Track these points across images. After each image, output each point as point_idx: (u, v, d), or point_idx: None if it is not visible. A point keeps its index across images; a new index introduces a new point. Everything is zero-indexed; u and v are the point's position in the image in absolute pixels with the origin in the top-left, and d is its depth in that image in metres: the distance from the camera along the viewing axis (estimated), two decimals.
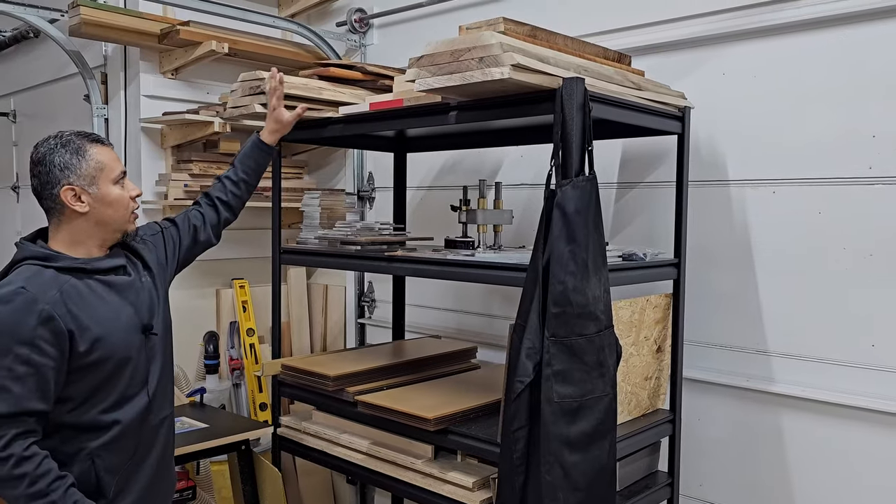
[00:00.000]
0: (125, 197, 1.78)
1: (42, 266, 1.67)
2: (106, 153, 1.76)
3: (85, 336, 1.65)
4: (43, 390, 1.61)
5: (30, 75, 4.25)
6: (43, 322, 1.60)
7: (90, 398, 1.70)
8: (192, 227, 2.11)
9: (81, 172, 1.71)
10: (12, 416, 1.58)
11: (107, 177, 1.74)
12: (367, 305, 3.66)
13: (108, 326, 1.70)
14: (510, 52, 1.74)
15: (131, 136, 3.37)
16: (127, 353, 1.74)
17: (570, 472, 1.79)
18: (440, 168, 3.34)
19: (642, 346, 2.25)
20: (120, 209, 1.77)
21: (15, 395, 1.58)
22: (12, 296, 1.61)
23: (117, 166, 1.77)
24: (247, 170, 2.25)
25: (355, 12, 3.54)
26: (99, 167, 1.73)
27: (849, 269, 2.23)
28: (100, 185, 1.73)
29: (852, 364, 2.23)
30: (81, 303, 1.67)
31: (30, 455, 1.58)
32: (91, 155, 1.73)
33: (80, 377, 1.68)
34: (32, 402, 1.60)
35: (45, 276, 1.66)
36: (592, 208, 1.82)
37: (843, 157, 2.23)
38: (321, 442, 2.60)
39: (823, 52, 2.26)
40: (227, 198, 2.20)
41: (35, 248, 1.71)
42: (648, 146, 2.64)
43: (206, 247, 2.18)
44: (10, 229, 4.52)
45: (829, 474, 2.28)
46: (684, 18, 2.52)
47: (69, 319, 1.63)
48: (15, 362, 1.58)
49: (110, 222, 1.76)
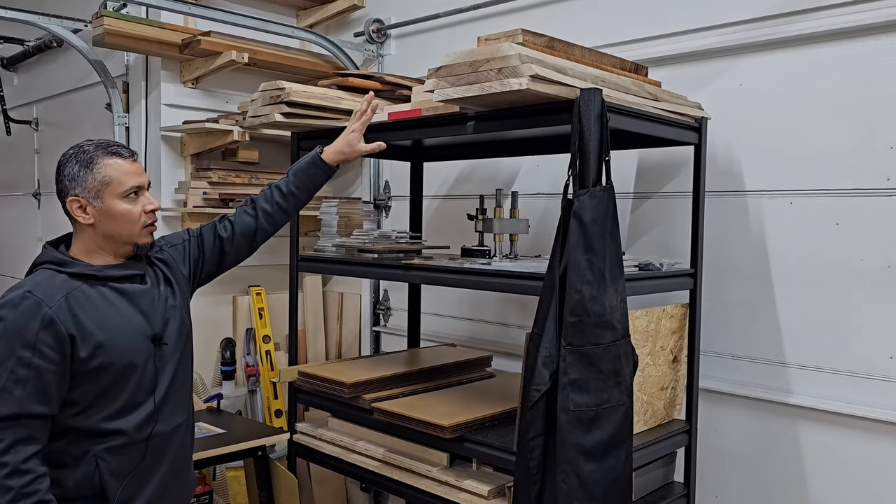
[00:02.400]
0: (133, 212, 1.74)
1: (56, 271, 1.69)
2: (119, 167, 1.73)
3: (87, 341, 1.65)
4: (43, 393, 1.61)
5: (52, 84, 4.32)
6: (45, 326, 1.61)
7: (95, 403, 1.70)
8: (217, 238, 2.02)
9: (87, 185, 1.71)
10: (14, 418, 1.58)
11: (113, 191, 1.72)
12: (383, 313, 3.68)
13: (113, 333, 1.69)
14: (528, 63, 1.76)
15: (151, 144, 3.42)
16: (132, 360, 1.73)
17: (586, 481, 1.79)
18: (456, 177, 3.36)
19: (658, 355, 2.25)
20: (126, 224, 1.74)
21: (16, 398, 1.58)
22: (19, 300, 1.62)
23: (128, 181, 1.73)
24: (299, 184, 2.09)
25: (373, 23, 3.57)
26: (105, 181, 1.71)
27: (866, 281, 2.22)
28: (104, 199, 1.71)
29: (870, 376, 2.22)
30: (89, 308, 1.67)
31: (25, 470, 1.57)
32: (99, 168, 1.71)
33: (84, 382, 1.68)
34: (33, 405, 1.60)
35: (56, 282, 1.67)
36: (610, 218, 1.83)
37: (860, 168, 2.23)
38: (337, 449, 2.62)
39: (840, 63, 2.26)
40: (272, 209, 2.06)
41: (53, 253, 1.73)
42: (665, 156, 2.64)
43: (235, 260, 2.07)
44: (32, 235, 4.58)
45: (846, 487, 2.26)
46: (701, 30, 2.53)
47: (71, 324, 1.64)
48: (17, 365, 1.59)
49: (116, 236, 1.75)
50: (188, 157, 3.42)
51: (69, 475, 1.68)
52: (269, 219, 2.06)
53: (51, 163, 4.36)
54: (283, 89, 2.45)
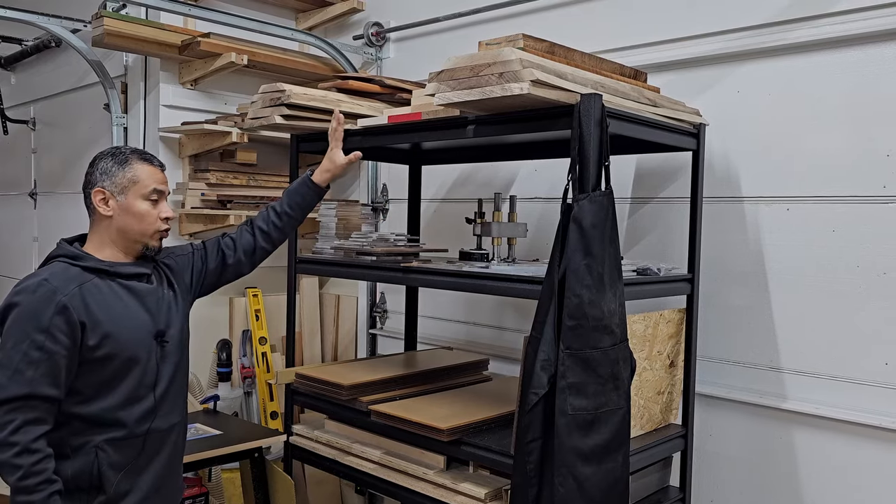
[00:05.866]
0: (151, 213, 1.88)
1: (70, 264, 1.81)
2: (147, 171, 1.88)
3: (96, 330, 1.76)
4: (54, 376, 1.70)
5: (50, 84, 4.31)
6: (59, 312, 1.71)
7: (99, 392, 1.79)
8: (220, 252, 2.14)
9: (115, 180, 1.85)
10: (25, 398, 1.67)
11: (138, 191, 1.86)
12: (379, 316, 3.68)
13: (120, 325, 1.80)
14: (530, 67, 1.77)
15: (150, 145, 3.42)
16: (136, 353, 1.83)
17: (584, 485, 1.80)
18: (454, 181, 3.37)
19: (655, 360, 2.26)
20: (142, 222, 1.87)
21: (28, 379, 1.67)
22: (36, 286, 1.74)
23: (152, 184, 1.88)
24: (292, 204, 2.25)
25: (372, 26, 3.58)
26: (133, 180, 1.86)
27: (862, 287, 2.23)
28: (128, 196, 1.85)
29: (865, 382, 2.23)
30: (99, 300, 1.78)
31: (34, 449, 1.66)
32: (131, 168, 1.86)
33: (89, 370, 1.77)
34: (43, 387, 1.69)
35: (70, 273, 1.79)
36: (609, 223, 1.84)
37: (857, 175, 2.24)
38: (333, 451, 2.62)
39: (838, 71, 2.28)
40: (267, 228, 2.21)
41: (68, 248, 1.85)
42: (663, 162, 2.66)
43: (236, 274, 2.19)
44: (28, 235, 4.56)
45: (840, 492, 2.28)
46: (700, 36, 2.54)
47: (83, 312, 1.74)
48: (31, 348, 1.69)
49: (130, 232, 1.87)
50: (186, 159, 3.43)
51: (68, 466, 1.76)
52: (267, 237, 2.22)
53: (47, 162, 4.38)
54: (283, 91, 2.46)
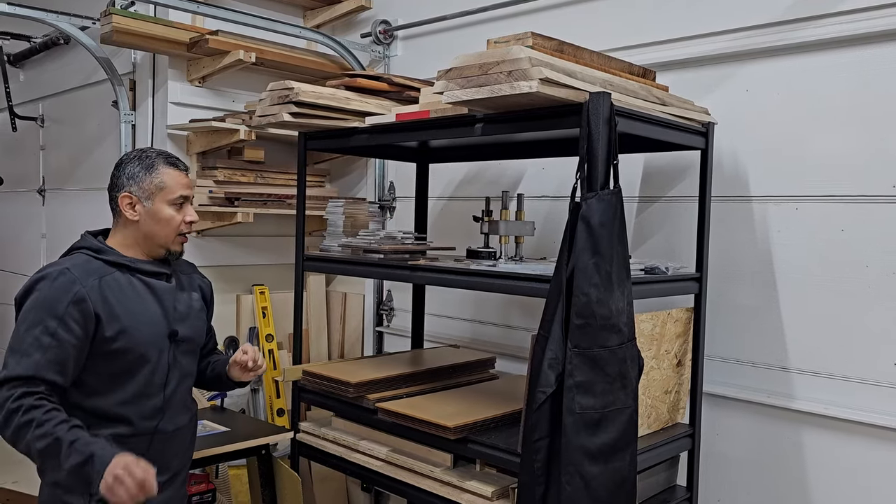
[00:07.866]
0: (176, 219, 1.91)
1: (92, 257, 1.85)
2: (174, 177, 1.91)
3: (112, 323, 1.79)
4: (61, 364, 1.73)
5: (58, 81, 4.33)
6: (75, 301, 1.74)
7: (107, 386, 1.82)
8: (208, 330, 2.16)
9: (142, 186, 1.88)
10: (27, 378, 1.69)
11: (164, 197, 1.90)
12: (386, 314, 3.69)
13: (136, 320, 1.83)
14: (539, 66, 1.77)
15: (157, 142, 3.43)
16: (149, 350, 1.86)
17: (591, 484, 1.80)
18: (461, 179, 3.37)
19: (663, 359, 2.26)
20: (167, 228, 1.91)
21: (34, 361, 1.70)
22: (57, 275, 1.78)
23: (179, 190, 1.91)
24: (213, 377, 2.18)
25: (380, 24, 3.58)
26: (160, 186, 1.90)
27: (871, 287, 2.22)
28: (155, 202, 1.89)
29: (874, 382, 2.22)
30: (119, 294, 1.82)
31: (38, 405, 1.68)
32: (157, 173, 1.89)
33: (101, 362, 1.80)
34: (48, 372, 1.71)
35: (92, 266, 1.83)
36: (617, 221, 1.84)
37: (866, 175, 2.23)
38: (340, 448, 2.62)
39: (847, 70, 2.27)
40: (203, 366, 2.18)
41: (91, 241, 1.89)
42: (671, 161, 2.65)
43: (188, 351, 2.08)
44: (36, 232, 4.58)
45: (848, 493, 2.27)
46: (709, 35, 2.53)
47: (100, 305, 1.78)
48: (43, 333, 1.72)
49: (155, 237, 1.91)
50: (194, 156, 3.43)
51: None
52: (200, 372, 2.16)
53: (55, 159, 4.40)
54: (291, 89, 2.46)
